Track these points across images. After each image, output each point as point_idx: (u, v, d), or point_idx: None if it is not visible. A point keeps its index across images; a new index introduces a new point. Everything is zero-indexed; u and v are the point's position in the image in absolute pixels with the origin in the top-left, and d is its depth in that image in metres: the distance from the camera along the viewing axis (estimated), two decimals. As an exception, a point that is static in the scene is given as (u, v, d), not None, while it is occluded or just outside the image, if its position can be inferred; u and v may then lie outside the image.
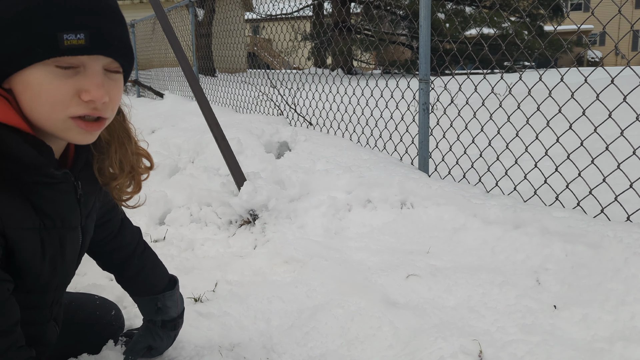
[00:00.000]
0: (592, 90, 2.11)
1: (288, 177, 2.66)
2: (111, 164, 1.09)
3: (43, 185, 0.93)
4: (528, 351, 1.35)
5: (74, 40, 0.80)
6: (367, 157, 3.12)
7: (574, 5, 4.63)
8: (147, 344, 1.37)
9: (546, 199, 2.29)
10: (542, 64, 15.54)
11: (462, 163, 2.81)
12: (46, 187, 0.94)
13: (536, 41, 11.64)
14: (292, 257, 2.07)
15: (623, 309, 1.46)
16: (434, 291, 1.75)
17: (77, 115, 0.85)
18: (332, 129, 3.97)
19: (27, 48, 0.80)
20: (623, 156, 2.07)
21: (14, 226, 0.87)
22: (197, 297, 1.79)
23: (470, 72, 3.05)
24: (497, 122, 2.59)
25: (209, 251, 2.26)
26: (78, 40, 0.81)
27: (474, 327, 1.52)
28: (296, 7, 8.64)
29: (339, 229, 2.35)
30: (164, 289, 1.39)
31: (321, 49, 6.38)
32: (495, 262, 1.91)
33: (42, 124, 0.87)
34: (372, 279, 1.85)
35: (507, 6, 12.03)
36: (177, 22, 8.01)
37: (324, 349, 1.50)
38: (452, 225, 2.21)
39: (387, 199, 2.44)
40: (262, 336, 1.57)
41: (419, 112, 2.80)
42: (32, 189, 0.91)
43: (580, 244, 1.79)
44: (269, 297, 1.76)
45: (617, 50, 2.32)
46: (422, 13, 2.69)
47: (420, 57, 2.76)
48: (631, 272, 1.56)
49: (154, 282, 1.39)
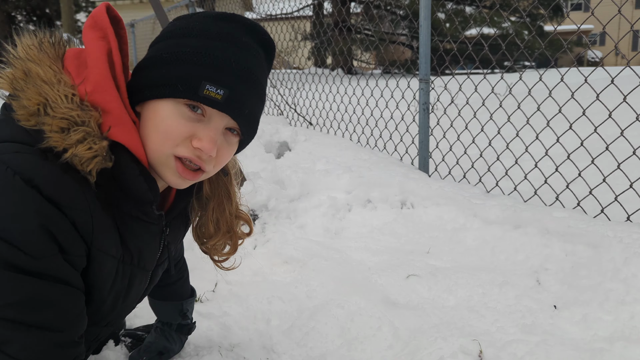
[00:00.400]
0: (592, 90, 2.11)
1: (288, 177, 2.66)
2: (207, 222, 1.12)
3: (136, 221, 0.94)
4: (528, 351, 1.35)
5: (213, 92, 0.86)
6: (367, 157, 3.12)
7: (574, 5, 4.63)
8: (162, 345, 1.40)
9: (546, 199, 2.29)
10: (542, 64, 15.53)
11: (462, 163, 2.81)
12: (138, 223, 0.94)
13: (536, 41, 11.62)
14: (292, 257, 2.07)
15: (623, 309, 1.46)
16: (434, 291, 1.75)
17: (180, 156, 0.88)
18: (332, 129, 3.97)
19: (173, 83, 0.85)
20: (623, 156, 2.07)
21: (101, 248, 0.87)
22: (197, 297, 1.79)
23: (471, 72, 3.05)
24: (497, 122, 2.59)
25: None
26: (217, 94, 0.86)
27: (474, 327, 1.52)
28: (296, 7, 8.65)
29: (339, 229, 2.35)
30: (190, 295, 1.45)
31: (321, 48, 6.38)
32: (495, 262, 1.91)
33: (150, 153, 0.89)
34: (372, 279, 1.85)
35: (507, 6, 12.01)
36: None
37: (324, 349, 1.50)
38: (452, 225, 2.21)
39: (387, 199, 2.44)
40: (262, 336, 1.57)
41: (419, 112, 2.80)
42: (125, 220, 0.91)
43: (580, 244, 1.79)
44: (269, 297, 1.76)
45: (617, 50, 2.32)
46: (422, 13, 2.69)
47: (421, 57, 2.76)
48: (631, 272, 1.56)
49: (184, 291, 1.43)
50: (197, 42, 0.87)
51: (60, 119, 0.80)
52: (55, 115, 0.80)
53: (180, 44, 0.88)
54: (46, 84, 0.82)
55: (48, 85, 0.81)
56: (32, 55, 0.85)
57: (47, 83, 0.82)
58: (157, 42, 0.93)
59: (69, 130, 0.80)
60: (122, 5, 21.31)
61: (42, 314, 0.78)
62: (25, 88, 0.82)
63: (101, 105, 0.84)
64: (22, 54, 0.85)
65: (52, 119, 0.80)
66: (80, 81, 0.85)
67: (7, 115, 0.85)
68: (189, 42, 0.88)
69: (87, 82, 0.85)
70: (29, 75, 0.82)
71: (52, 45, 0.88)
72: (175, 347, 1.43)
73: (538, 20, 12.75)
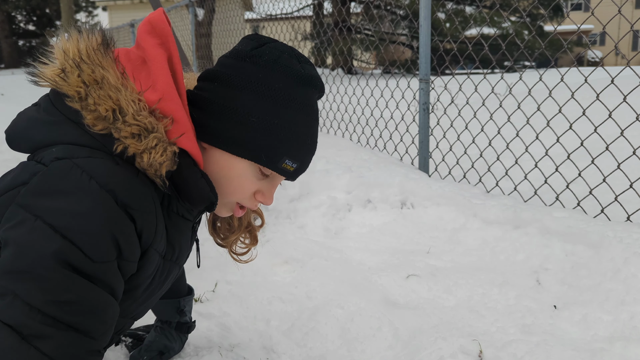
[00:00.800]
0: (592, 90, 2.11)
1: (288, 177, 2.66)
2: (232, 218, 1.20)
3: (181, 219, 0.98)
4: (528, 351, 1.35)
5: (289, 166, 0.95)
6: (367, 157, 3.12)
7: (574, 5, 4.63)
8: (162, 344, 1.40)
9: (546, 199, 2.29)
10: (542, 64, 15.53)
11: (462, 163, 2.81)
12: (183, 220, 0.99)
13: (536, 41, 11.63)
14: (292, 257, 2.07)
15: (623, 309, 1.46)
16: (434, 291, 1.75)
17: (243, 205, 1.00)
18: (332, 129, 3.97)
19: (257, 151, 0.92)
20: (623, 156, 2.07)
21: (157, 248, 0.92)
22: (197, 297, 1.79)
23: (471, 72, 3.05)
24: (498, 122, 2.59)
25: (208, 251, 2.25)
26: (291, 167, 0.95)
27: (473, 327, 1.52)
28: (296, 7, 8.65)
29: (339, 229, 2.35)
30: (187, 293, 1.45)
31: (321, 48, 6.38)
32: (495, 262, 1.91)
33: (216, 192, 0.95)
34: (372, 279, 1.85)
35: (507, 6, 12.02)
36: (177, 21, 8.01)
37: (324, 350, 1.50)
38: (452, 225, 2.20)
39: (387, 199, 2.44)
40: (262, 336, 1.57)
41: (419, 112, 2.80)
42: (172, 219, 0.96)
43: (580, 244, 1.79)
44: (269, 298, 1.76)
45: (617, 50, 2.32)
46: (422, 13, 2.69)
47: (421, 57, 2.76)
48: (631, 272, 1.56)
49: (180, 288, 1.44)
50: (289, 115, 0.92)
51: (135, 126, 0.83)
52: (129, 122, 0.83)
53: (268, 111, 0.91)
54: (116, 90, 0.84)
55: (118, 92, 0.84)
56: (99, 59, 0.86)
57: (117, 89, 0.84)
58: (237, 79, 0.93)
59: (140, 136, 0.83)
60: (122, 5, 21.30)
61: (83, 318, 0.79)
62: (92, 93, 0.83)
63: (170, 113, 0.87)
64: (87, 57, 0.86)
65: (125, 125, 0.83)
66: (147, 88, 0.87)
67: (60, 117, 0.86)
68: (277, 111, 0.91)
69: (154, 90, 0.87)
70: (100, 82, 0.84)
71: (110, 47, 0.89)
72: (175, 345, 1.43)
73: (538, 20, 12.75)
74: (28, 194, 0.80)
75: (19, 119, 0.92)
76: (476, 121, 2.71)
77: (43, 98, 0.91)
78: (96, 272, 0.79)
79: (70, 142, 0.84)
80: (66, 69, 0.85)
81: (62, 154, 0.82)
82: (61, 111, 0.86)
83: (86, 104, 0.83)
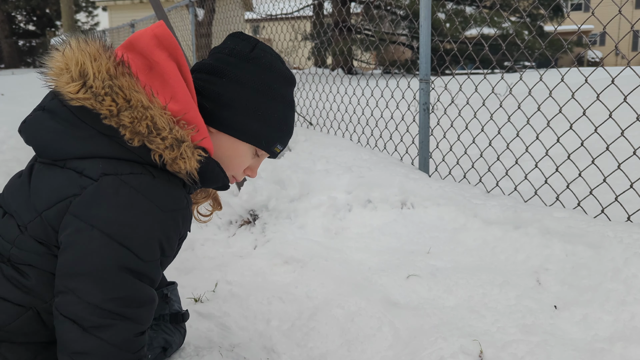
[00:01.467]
0: (593, 90, 2.11)
1: (288, 177, 2.65)
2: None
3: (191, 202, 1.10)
4: (528, 351, 1.35)
5: (278, 149, 1.19)
6: (367, 157, 3.12)
7: (574, 5, 4.64)
8: (162, 340, 1.40)
9: (547, 199, 2.29)
10: (543, 64, 15.53)
11: (462, 163, 2.81)
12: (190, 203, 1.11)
13: (536, 41, 11.62)
14: (292, 257, 2.07)
15: (623, 309, 1.46)
16: (434, 291, 1.75)
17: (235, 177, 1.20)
18: (332, 129, 3.97)
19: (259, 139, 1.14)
20: (623, 156, 2.06)
21: (186, 234, 1.09)
22: (197, 297, 1.79)
23: (471, 72, 3.05)
24: (498, 122, 2.59)
25: (209, 251, 2.26)
26: (279, 149, 1.19)
27: (474, 327, 1.52)
28: (296, 7, 8.65)
29: (339, 229, 2.34)
30: (168, 283, 1.48)
31: (321, 48, 6.37)
32: (495, 263, 1.91)
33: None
34: (372, 279, 1.85)
35: (507, 6, 12.01)
36: (177, 22, 8.01)
37: (324, 349, 1.50)
38: (452, 225, 2.20)
39: (387, 199, 2.44)
40: (262, 336, 1.57)
41: (419, 112, 2.80)
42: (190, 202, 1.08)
43: (581, 244, 1.79)
44: (269, 298, 1.76)
45: (617, 50, 2.32)
46: (422, 13, 2.69)
47: (421, 57, 2.76)
48: (631, 273, 1.56)
49: (162, 281, 1.46)
50: (281, 109, 1.15)
51: (171, 139, 0.96)
52: (165, 136, 0.96)
53: (269, 107, 1.13)
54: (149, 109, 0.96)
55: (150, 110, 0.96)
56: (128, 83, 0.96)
57: (149, 108, 0.96)
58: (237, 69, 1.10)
59: (173, 147, 0.97)
60: (122, 5, 21.30)
61: (134, 309, 0.95)
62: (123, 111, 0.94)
63: (193, 122, 1.01)
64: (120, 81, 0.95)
65: (162, 140, 0.96)
66: (168, 101, 1.00)
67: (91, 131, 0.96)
68: (275, 106, 1.13)
69: (176, 102, 1.00)
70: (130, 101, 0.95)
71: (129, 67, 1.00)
72: (175, 338, 1.43)
73: (538, 20, 12.75)
74: (83, 205, 0.93)
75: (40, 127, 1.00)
76: (476, 121, 2.71)
77: (55, 105, 0.99)
78: (144, 270, 0.96)
79: (108, 156, 0.96)
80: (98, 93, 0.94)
81: (108, 169, 0.95)
82: (92, 126, 0.96)
83: (120, 120, 0.94)
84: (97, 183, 0.93)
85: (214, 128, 1.10)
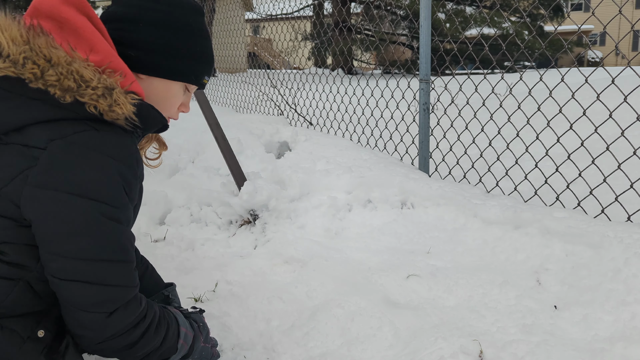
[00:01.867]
0: (593, 90, 2.11)
1: (288, 177, 2.65)
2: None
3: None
4: (528, 351, 1.35)
5: (206, 80, 1.23)
6: (367, 157, 3.12)
7: (575, 5, 4.63)
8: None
9: (547, 199, 2.29)
10: (543, 64, 15.53)
11: (462, 163, 2.81)
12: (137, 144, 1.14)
13: (536, 41, 11.64)
14: (292, 257, 2.07)
15: (623, 309, 1.46)
16: (434, 291, 1.75)
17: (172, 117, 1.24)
18: (332, 129, 3.97)
19: (188, 74, 1.17)
20: (623, 156, 2.06)
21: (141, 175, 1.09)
22: (197, 297, 1.79)
23: (471, 72, 3.05)
24: (498, 122, 2.59)
25: (209, 251, 2.25)
26: (207, 80, 1.23)
27: (474, 327, 1.52)
28: (296, 7, 8.65)
29: (339, 229, 2.34)
30: (166, 285, 1.49)
31: (321, 49, 6.38)
32: (495, 262, 1.91)
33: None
34: (372, 279, 1.85)
35: (507, 6, 12.03)
36: (177, 22, 7.97)
37: (324, 349, 1.50)
38: (452, 225, 2.20)
39: (387, 199, 2.44)
40: (262, 336, 1.57)
41: (419, 112, 2.80)
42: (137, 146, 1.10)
43: (581, 244, 1.79)
44: (269, 297, 1.76)
45: (617, 50, 2.32)
46: (422, 13, 2.69)
47: (421, 57, 2.76)
48: (631, 273, 1.56)
49: (158, 280, 1.49)
50: (200, 41, 1.16)
51: (101, 88, 0.97)
52: (95, 86, 0.96)
53: (190, 42, 1.15)
54: (72, 63, 0.95)
55: (73, 64, 0.95)
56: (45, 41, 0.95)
57: (71, 62, 0.96)
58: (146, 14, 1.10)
59: (104, 95, 0.97)
60: (123, 5, 21.25)
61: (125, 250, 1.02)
62: (46, 71, 0.93)
63: (116, 69, 1.02)
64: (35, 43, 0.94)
65: (93, 90, 0.96)
66: (88, 54, 0.99)
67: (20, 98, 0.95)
68: (195, 41, 1.15)
69: (96, 53, 1.00)
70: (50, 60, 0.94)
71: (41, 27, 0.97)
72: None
73: (538, 20, 12.76)
74: (41, 174, 0.93)
75: None
76: (476, 121, 2.71)
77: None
78: (119, 215, 1.00)
79: (44, 119, 0.96)
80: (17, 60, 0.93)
81: (53, 135, 0.95)
82: (20, 93, 0.95)
83: (46, 81, 0.94)
84: (46, 151, 0.94)
85: (143, 74, 1.12)
